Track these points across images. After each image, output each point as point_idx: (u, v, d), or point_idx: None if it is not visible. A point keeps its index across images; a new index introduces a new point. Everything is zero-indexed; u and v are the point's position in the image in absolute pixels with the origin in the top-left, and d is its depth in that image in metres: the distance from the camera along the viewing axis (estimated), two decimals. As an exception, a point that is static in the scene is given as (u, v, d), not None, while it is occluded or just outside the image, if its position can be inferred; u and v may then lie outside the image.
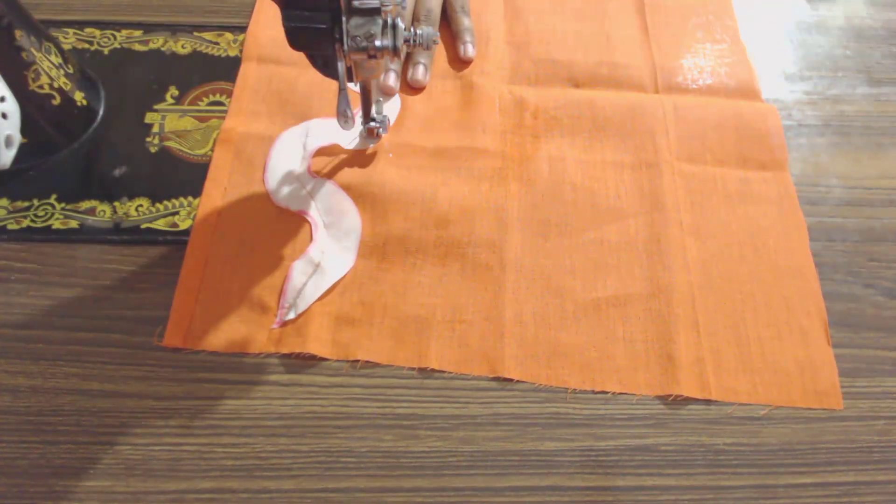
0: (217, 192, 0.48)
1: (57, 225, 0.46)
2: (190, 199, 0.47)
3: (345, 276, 0.45)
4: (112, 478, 0.38)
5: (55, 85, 0.46)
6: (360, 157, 0.50)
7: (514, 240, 0.47)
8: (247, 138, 0.50)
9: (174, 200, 0.47)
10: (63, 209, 0.46)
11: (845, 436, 0.41)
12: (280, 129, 0.51)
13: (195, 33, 0.56)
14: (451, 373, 0.42)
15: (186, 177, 0.48)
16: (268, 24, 0.57)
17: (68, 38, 0.55)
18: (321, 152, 0.50)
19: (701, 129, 0.54)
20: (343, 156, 0.50)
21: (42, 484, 0.37)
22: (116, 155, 0.49)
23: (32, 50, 0.44)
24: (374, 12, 0.37)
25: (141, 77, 0.53)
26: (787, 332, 0.45)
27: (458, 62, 0.56)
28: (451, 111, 0.54)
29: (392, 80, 0.53)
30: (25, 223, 0.45)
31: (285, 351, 0.42)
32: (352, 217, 0.47)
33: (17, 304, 0.42)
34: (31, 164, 0.48)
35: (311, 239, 0.46)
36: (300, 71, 0.54)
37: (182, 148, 0.50)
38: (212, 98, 0.52)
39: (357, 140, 0.50)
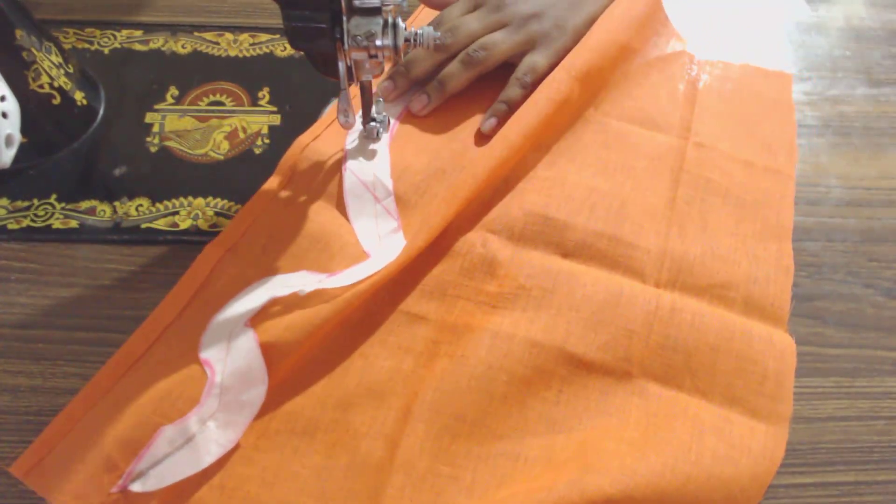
0: (166, 319, 0.41)
1: (57, 225, 0.46)
2: (190, 198, 0.47)
3: None
4: (112, 478, 0.38)
5: (55, 84, 0.46)
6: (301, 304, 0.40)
7: (415, 433, 0.38)
8: (220, 276, 0.43)
9: (174, 200, 0.47)
10: (63, 209, 0.46)
11: (845, 436, 0.41)
12: (263, 274, 0.42)
13: (195, 33, 0.56)
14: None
15: (186, 177, 0.48)
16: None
17: (68, 38, 0.55)
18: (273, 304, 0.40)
19: (692, 344, 0.41)
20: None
21: (42, 484, 0.37)
22: (116, 155, 0.49)
23: (33, 49, 0.44)
24: (374, 12, 0.37)
25: (141, 77, 0.53)
26: None
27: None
28: (408, 263, 0.42)
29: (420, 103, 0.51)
30: (25, 223, 0.45)
31: None
32: (257, 390, 0.38)
33: (17, 304, 0.42)
34: (31, 164, 0.48)
35: (198, 400, 0.37)
36: (322, 206, 0.46)
37: (182, 148, 0.50)
38: (212, 98, 0.52)
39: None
